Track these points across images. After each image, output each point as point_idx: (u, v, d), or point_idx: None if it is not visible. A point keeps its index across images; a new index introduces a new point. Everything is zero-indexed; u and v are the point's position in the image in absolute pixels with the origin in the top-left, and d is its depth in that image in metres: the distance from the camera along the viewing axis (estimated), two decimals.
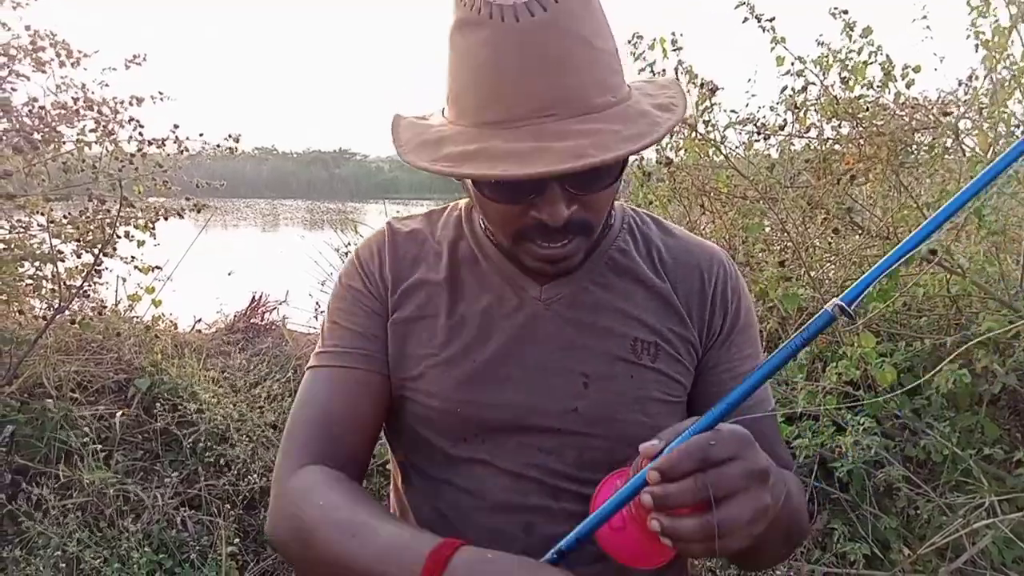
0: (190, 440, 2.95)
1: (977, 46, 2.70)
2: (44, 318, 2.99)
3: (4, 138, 2.72)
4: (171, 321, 3.75)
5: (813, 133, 2.97)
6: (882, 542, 2.50)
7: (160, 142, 3.25)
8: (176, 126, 3.25)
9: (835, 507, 2.71)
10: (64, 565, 2.34)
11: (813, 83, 2.87)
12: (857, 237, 3.04)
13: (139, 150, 3.23)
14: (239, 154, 3.66)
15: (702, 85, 2.79)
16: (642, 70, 2.84)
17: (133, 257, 3.25)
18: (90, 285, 3.06)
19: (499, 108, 0.71)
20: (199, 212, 3.36)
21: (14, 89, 2.93)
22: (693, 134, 2.88)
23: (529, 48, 0.69)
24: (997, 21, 2.59)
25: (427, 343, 0.88)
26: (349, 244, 5.93)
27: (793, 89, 2.81)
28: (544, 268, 0.82)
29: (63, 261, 2.97)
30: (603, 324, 0.87)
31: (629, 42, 2.79)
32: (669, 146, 2.87)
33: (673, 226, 0.97)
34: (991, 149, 2.56)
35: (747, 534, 0.63)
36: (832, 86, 2.83)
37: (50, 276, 3.08)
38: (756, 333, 0.95)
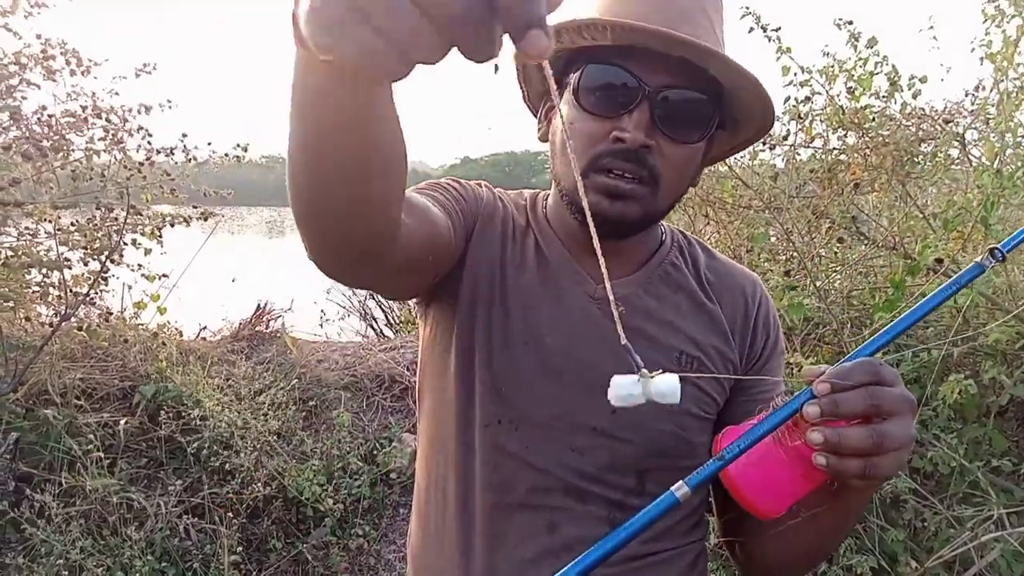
0: (194, 448, 2.95)
1: (983, 58, 2.69)
2: (51, 325, 3.00)
3: (14, 146, 2.74)
4: (176, 329, 3.76)
5: (818, 143, 2.97)
6: (889, 555, 2.47)
7: (169, 151, 3.27)
8: (184, 135, 3.27)
9: None
10: (67, 573, 2.34)
11: (819, 93, 2.87)
12: (863, 247, 3.03)
13: (147, 159, 3.25)
14: (246, 162, 3.68)
15: None
16: None
17: (140, 265, 3.26)
18: (96, 292, 3.06)
19: (638, 14, 0.76)
20: (206, 220, 3.37)
21: (24, 97, 2.96)
22: None
23: None
24: (1004, 32, 2.58)
25: (491, 305, 0.88)
26: None
27: (797, 99, 2.81)
28: (602, 205, 0.79)
29: (70, 268, 2.99)
30: (652, 332, 0.88)
31: None
32: None
33: (714, 250, 1.00)
34: (997, 159, 2.55)
35: (898, 460, 0.65)
36: (838, 96, 2.83)
37: (57, 283, 3.09)
38: (783, 364, 0.98)
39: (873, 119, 2.80)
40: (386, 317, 5.69)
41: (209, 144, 3.37)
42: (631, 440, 0.85)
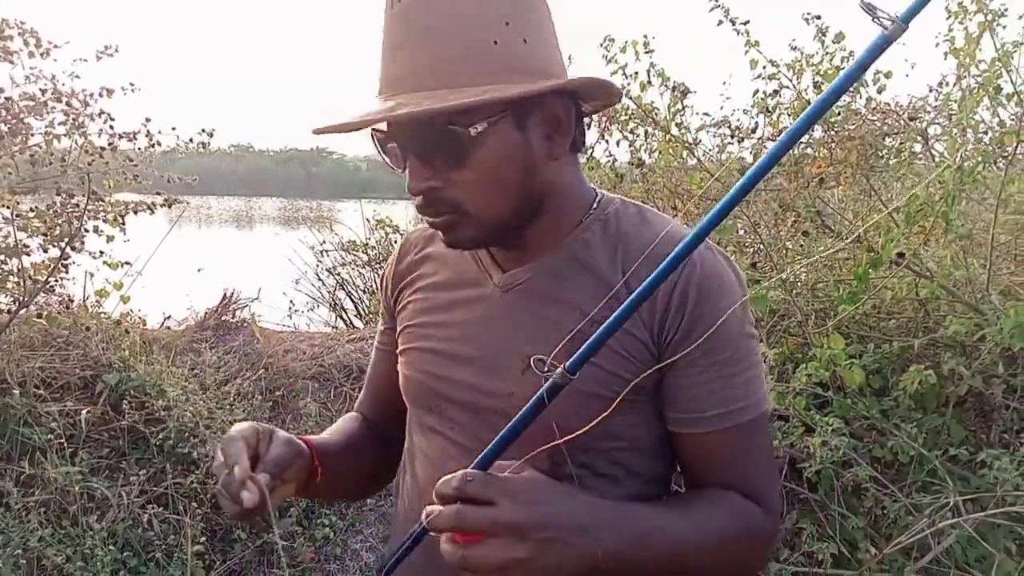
0: (158, 438, 2.90)
1: (946, 54, 2.74)
2: (8, 312, 2.93)
3: None
4: (140, 318, 3.69)
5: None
6: (850, 541, 2.52)
7: (131, 135, 3.20)
8: (148, 119, 3.21)
9: (804, 507, 2.73)
10: (25, 563, 2.29)
11: (787, 87, 2.91)
12: (828, 240, 3.08)
13: (110, 144, 3.18)
14: (215, 151, 3.63)
15: (674, 88, 2.80)
16: (614, 73, 2.85)
17: (102, 252, 3.20)
18: (57, 280, 3.00)
19: (379, 80, 0.82)
20: (171, 207, 3.31)
21: None
22: (666, 137, 2.90)
23: (396, 26, 0.79)
24: (967, 28, 2.63)
25: (412, 323, 1.01)
26: (324, 242, 5.90)
27: (765, 92, 2.83)
28: (442, 239, 0.88)
29: (28, 255, 2.92)
30: (551, 314, 0.88)
31: (601, 45, 2.80)
32: (643, 148, 2.89)
33: (656, 218, 0.93)
34: (958, 154, 2.60)
35: (488, 569, 0.70)
36: (805, 90, 2.86)
37: (15, 270, 3.02)
38: (735, 345, 0.87)
39: (839, 114, 2.84)
40: (356, 307, 5.65)
41: (174, 129, 3.31)
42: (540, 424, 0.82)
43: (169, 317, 4.14)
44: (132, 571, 2.43)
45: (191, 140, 3.39)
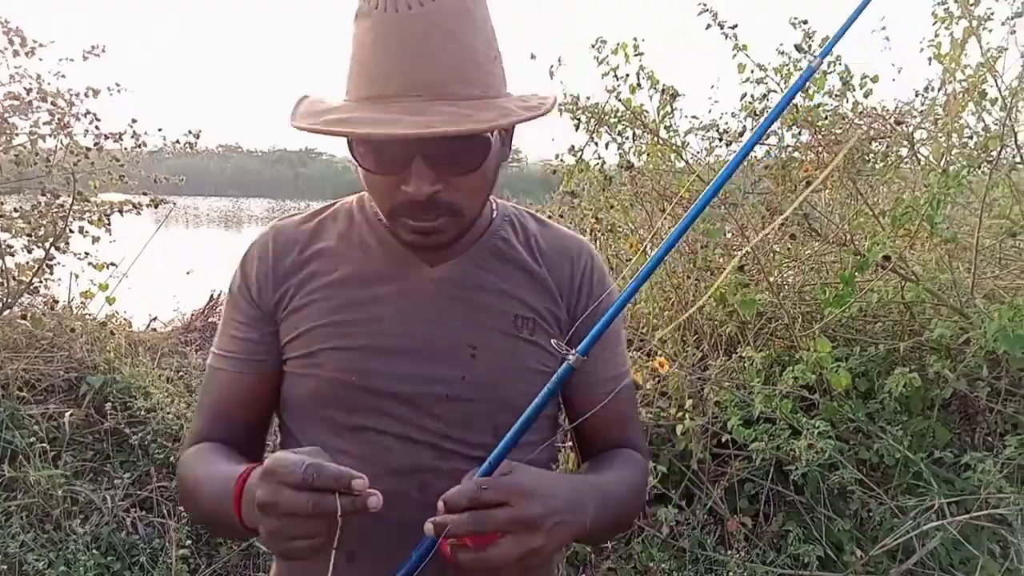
0: (137, 438, 2.88)
1: (931, 59, 2.76)
2: None
3: None
4: (126, 319, 3.67)
5: (773, 140, 3.02)
6: (836, 544, 2.53)
7: (117, 136, 3.18)
8: (134, 120, 3.19)
9: (790, 509, 2.74)
10: (5, 568, 2.27)
11: (774, 91, 2.92)
12: (816, 244, 3.09)
13: (95, 144, 3.16)
14: (202, 151, 3.61)
15: (663, 91, 2.81)
16: (605, 75, 2.85)
17: (87, 253, 3.17)
18: (41, 281, 2.97)
19: (375, 85, 0.81)
20: (157, 208, 3.29)
21: None
22: (655, 139, 2.90)
23: (404, 35, 0.79)
24: (952, 34, 2.65)
25: (322, 323, 0.95)
26: None
27: (753, 96, 2.84)
28: (418, 241, 0.90)
29: (12, 256, 2.89)
30: (487, 302, 0.97)
31: (592, 47, 2.80)
32: (632, 151, 2.89)
33: (547, 220, 1.09)
34: (943, 158, 2.62)
35: (519, 567, 0.76)
36: (796, 99, 2.87)
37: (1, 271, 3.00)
38: (618, 327, 1.07)
39: (826, 118, 2.85)
40: None
41: (160, 130, 3.29)
42: (484, 400, 0.94)
43: (155, 319, 4.12)
44: (115, 575, 2.41)
45: (177, 141, 3.37)
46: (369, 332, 0.94)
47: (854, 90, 2.80)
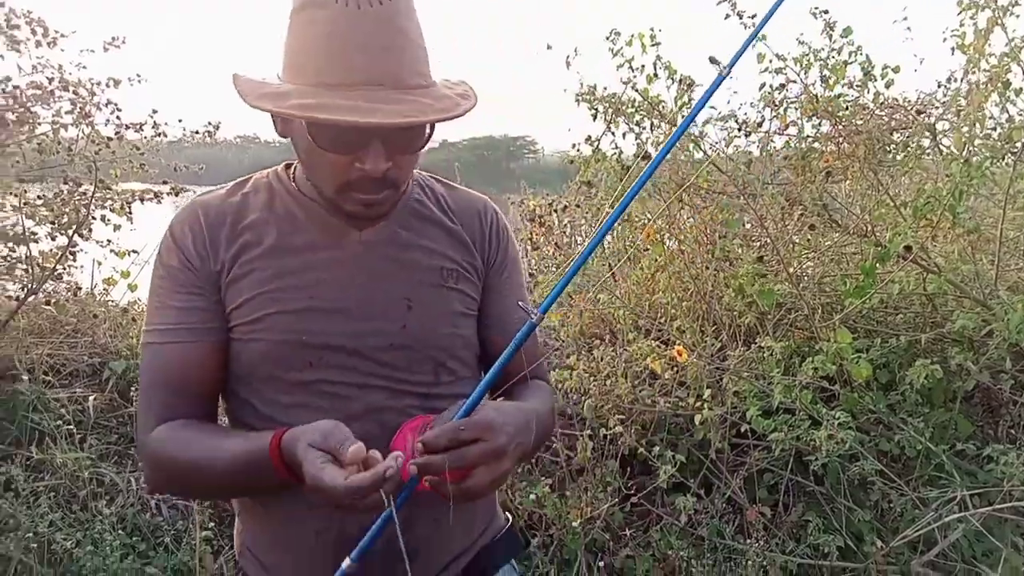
0: None
1: (954, 49, 2.74)
2: (17, 299, 2.94)
3: None
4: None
5: (793, 131, 3.00)
6: (856, 535, 2.53)
7: (138, 126, 3.21)
8: (154, 111, 3.22)
9: (810, 500, 2.74)
10: (36, 546, 2.30)
11: (793, 81, 2.90)
12: (836, 234, 3.07)
13: (116, 133, 3.19)
14: (220, 141, 3.64)
15: (680, 81, 2.80)
16: (620, 66, 2.85)
17: (109, 240, 3.21)
18: (64, 267, 3.01)
19: (339, 73, 0.88)
20: (177, 195, 3.32)
21: None
22: (672, 130, 2.89)
23: (364, 29, 0.88)
24: (976, 23, 2.63)
25: (264, 290, 1.03)
26: None
27: (771, 87, 2.83)
28: (361, 212, 1.01)
29: (36, 243, 2.92)
30: (415, 258, 1.10)
31: (607, 38, 2.80)
32: (649, 141, 2.89)
33: (451, 182, 1.23)
34: (966, 148, 2.60)
35: (490, 491, 0.91)
36: (812, 84, 2.86)
37: (23, 258, 3.03)
38: (520, 267, 1.26)
39: (847, 108, 2.83)
40: None
41: (180, 121, 3.32)
42: (422, 343, 1.07)
43: None
44: (141, 556, 2.44)
45: (197, 131, 3.40)
46: (311, 295, 1.03)
47: (875, 80, 2.79)
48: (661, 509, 2.72)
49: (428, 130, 0.97)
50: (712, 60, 2.63)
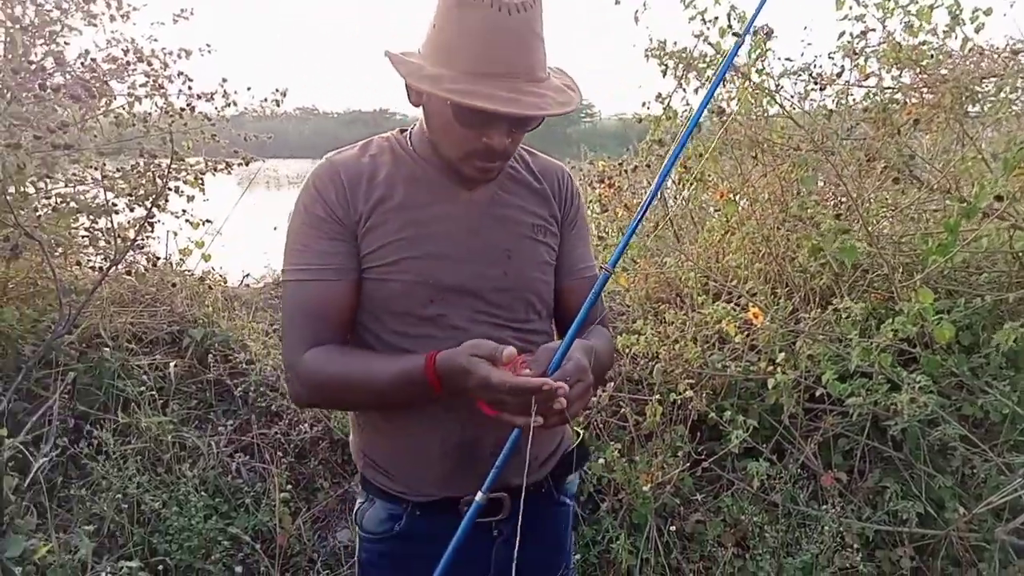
0: (240, 390, 3.01)
1: None
2: (101, 269, 3.05)
3: (65, 88, 2.74)
4: (221, 276, 3.80)
5: (872, 82, 2.86)
6: (936, 501, 2.45)
7: (209, 96, 3.26)
8: (224, 80, 3.26)
9: (887, 466, 2.67)
10: (126, 506, 2.42)
11: (874, 29, 2.76)
12: (915, 191, 2.94)
13: (188, 104, 3.25)
14: (281, 114, 3.69)
15: (755, 32, 2.68)
16: (692, 18, 2.75)
17: (184, 211, 3.29)
18: (143, 238, 3.10)
19: (486, 65, 1.08)
20: (248, 165, 3.38)
21: (67, 43, 2.95)
22: (746, 83, 2.79)
23: (510, 31, 1.08)
24: None
25: (397, 238, 1.21)
26: None
27: (852, 35, 2.69)
28: (477, 176, 1.22)
29: (117, 214, 3.02)
30: (512, 215, 1.29)
31: None
32: (721, 96, 2.79)
33: (532, 149, 1.39)
34: None
35: (581, 414, 1.20)
36: (893, 33, 2.72)
37: (104, 229, 3.14)
38: (587, 225, 1.46)
39: (932, 56, 2.68)
40: None
41: (249, 89, 3.37)
42: (519, 288, 1.28)
43: (248, 275, 4.26)
44: (223, 516, 2.54)
45: (265, 99, 3.45)
46: (434, 244, 1.22)
47: (963, 24, 2.62)
48: (732, 474, 2.69)
49: (542, 116, 1.15)
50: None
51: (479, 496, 1.08)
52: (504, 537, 1.29)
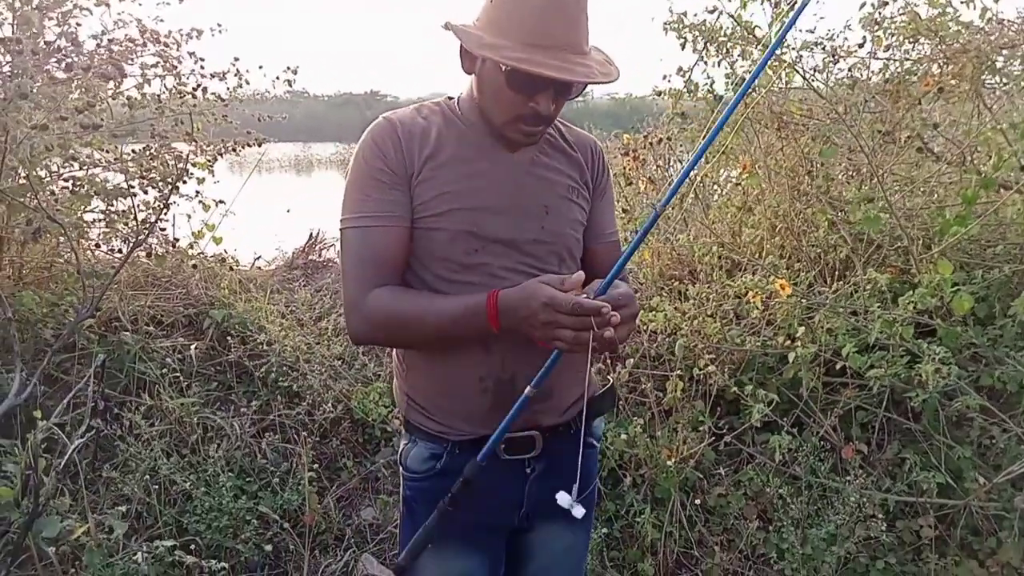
0: (261, 371, 3.02)
1: None
2: (120, 251, 3.05)
3: (95, 68, 2.71)
4: (234, 258, 3.79)
5: (889, 54, 2.85)
6: (954, 472, 2.48)
7: (221, 75, 3.23)
8: (236, 59, 3.23)
9: (905, 437, 2.69)
10: (156, 486, 2.43)
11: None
12: (931, 164, 2.94)
13: (198, 85, 3.22)
14: (271, 97, 3.66)
15: (777, 3, 2.67)
16: None
17: (198, 192, 3.27)
18: (158, 220, 3.08)
19: (539, 37, 1.18)
20: (260, 146, 3.36)
21: (79, 24, 2.91)
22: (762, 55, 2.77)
23: (566, 8, 1.19)
24: None
25: (448, 191, 1.30)
26: None
27: (874, 5, 2.68)
28: (521, 140, 1.32)
29: (135, 196, 3.00)
30: (550, 176, 1.39)
31: None
32: (743, 68, 2.78)
33: (566, 122, 1.49)
34: None
35: (623, 343, 1.20)
36: (915, 3, 2.70)
37: (119, 213, 3.12)
38: (613, 194, 1.59)
39: (951, 27, 2.67)
40: None
41: (261, 67, 3.34)
42: (555, 242, 1.37)
43: (259, 257, 4.26)
44: (251, 496, 2.55)
45: (277, 77, 3.42)
46: (480, 198, 1.31)
47: None
48: (752, 448, 2.71)
49: (583, 85, 1.27)
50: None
51: (528, 390, 1.19)
52: (537, 473, 1.39)
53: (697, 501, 2.58)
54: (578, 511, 1.15)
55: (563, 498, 1.16)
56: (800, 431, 2.68)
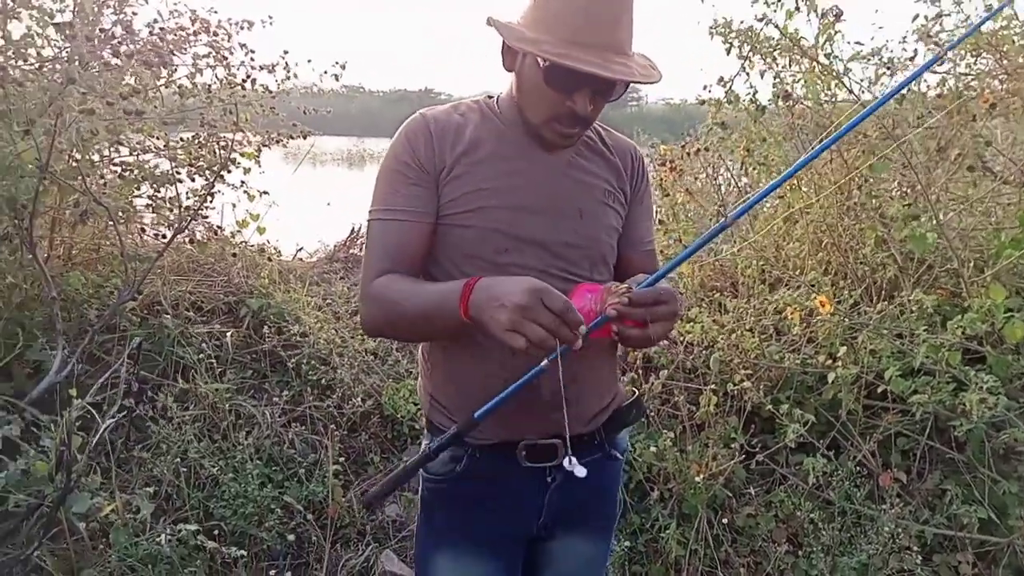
0: (294, 362, 3.05)
1: None
2: (164, 237, 3.10)
3: (139, 55, 2.77)
4: (276, 249, 3.84)
5: (946, 68, 2.75)
6: (998, 507, 2.38)
7: (270, 67, 3.27)
8: (286, 52, 3.27)
9: (947, 468, 2.59)
10: (185, 470, 2.47)
11: (947, 14, 2.65)
12: (988, 183, 2.82)
13: (248, 76, 3.27)
14: (328, 91, 3.69)
15: (823, 14, 2.59)
16: (755, 2, 2.67)
17: (243, 182, 3.32)
18: (205, 208, 3.13)
19: (583, 36, 1.16)
20: (305, 138, 3.39)
21: (135, 13, 2.98)
22: (813, 66, 2.70)
23: (611, 8, 1.17)
24: None
25: (481, 188, 1.29)
26: None
27: (927, 17, 2.59)
28: (557, 141, 1.30)
29: (181, 183, 3.06)
30: (586, 179, 1.37)
31: None
32: (788, 79, 2.71)
33: (607, 127, 1.47)
34: None
35: (661, 341, 1.22)
36: (968, 18, 2.61)
37: (167, 198, 3.18)
38: (651, 202, 1.53)
39: (1014, 41, 2.57)
40: None
41: (310, 61, 3.38)
42: (587, 246, 1.35)
43: (301, 249, 4.31)
44: (277, 485, 2.58)
45: (325, 71, 3.45)
46: (513, 197, 1.30)
47: None
48: (785, 469, 2.64)
49: (623, 87, 1.25)
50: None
51: (544, 362, 1.12)
52: (557, 483, 1.37)
53: (725, 520, 2.51)
54: (579, 471, 1.13)
55: (567, 461, 1.14)
56: (836, 454, 2.60)
